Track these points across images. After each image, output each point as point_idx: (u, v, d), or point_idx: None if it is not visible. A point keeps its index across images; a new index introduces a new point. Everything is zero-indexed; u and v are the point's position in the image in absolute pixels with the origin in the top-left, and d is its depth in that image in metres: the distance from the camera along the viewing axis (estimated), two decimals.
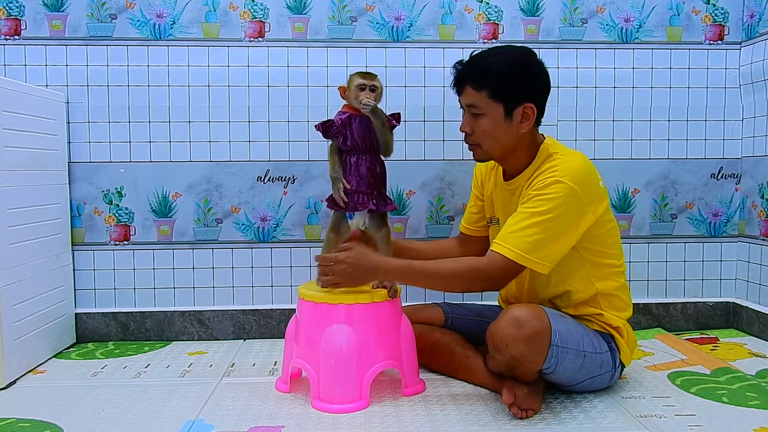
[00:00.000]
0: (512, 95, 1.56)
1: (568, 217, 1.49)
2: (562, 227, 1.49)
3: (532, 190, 1.53)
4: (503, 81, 1.55)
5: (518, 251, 1.47)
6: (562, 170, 1.51)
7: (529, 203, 1.51)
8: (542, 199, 1.49)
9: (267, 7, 2.17)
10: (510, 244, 1.48)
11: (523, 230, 1.48)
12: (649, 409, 1.54)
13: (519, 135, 1.59)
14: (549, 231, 1.48)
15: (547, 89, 1.62)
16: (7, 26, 2.11)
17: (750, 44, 2.22)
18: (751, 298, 2.24)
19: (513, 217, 1.53)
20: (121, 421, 1.50)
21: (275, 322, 2.22)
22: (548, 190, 1.49)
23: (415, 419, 1.50)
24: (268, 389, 1.71)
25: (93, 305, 2.19)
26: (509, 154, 1.64)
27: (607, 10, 2.23)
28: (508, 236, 1.50)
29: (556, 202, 1.48)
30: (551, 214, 1.47)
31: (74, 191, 2.16)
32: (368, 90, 1.66)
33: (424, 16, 2.19)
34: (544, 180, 1.51)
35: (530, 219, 1.48)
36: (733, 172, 2.29)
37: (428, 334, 1.79)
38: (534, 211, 1.49)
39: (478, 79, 1.56)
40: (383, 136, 1.68)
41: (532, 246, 1.47)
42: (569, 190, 1.48)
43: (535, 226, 1.47)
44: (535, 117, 1.59)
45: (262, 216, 2.21)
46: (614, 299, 1.65)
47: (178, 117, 2.16)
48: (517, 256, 1.47)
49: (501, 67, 1.56)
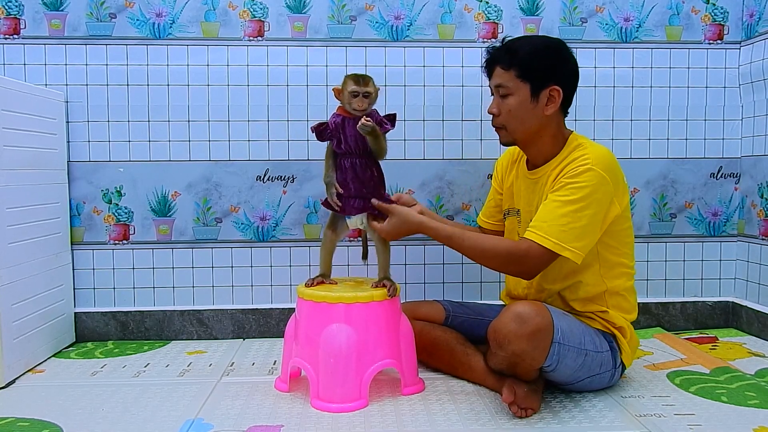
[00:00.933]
0: (540, 76, 1.58)
1: (600, 206, 1.51)
2: (595, 216, 1.50)
3: (564, 178, 1.53)
4: (532, 61, 1.58)
5: (555, 240, 1.48)
6: (594, 158, 1.52)
7: (561, 191, 1.52)
8: (575, 187, 1.50)
9: (266, 7, 2.17)
10: (546, 232, 1.49)
11: (558, 219, 1.49)
12: (648, 409, 1.54)
13: (544, 118, 1.61)
14: (583, 220, 1.49)
15: (576, 76, 1.64)
16: (7, 25, 2.11)
17: (749, 44, 2.22)
18: (751, 298, 2.24)
19: (545, 206, 1.53)
20: (121, 420, 1.50)
21: (274, 321, 2.22)
22: (581, 179, 1.50)
23: (414, 418, 1.50)
24: (268, 388, 1.71)
25: (92, 304, 2.19)
26: (533, 138, 1.64)
27: (606, 10, 2.23)
28: (543, 225, 1.50)
29: (588, 190, 1.49)
30: (584, 203, 1.49)
31: (73, 190, 2.16)
32: (361, 96, 1.65)
33: (423, 16, 2.19)
34: (576, 168, 1.52)
35: (564, 207, 1.49)
36: (733, 172, 2.29)
37: (428, 331, 1.79)
38: (567, 199, 1.50)
39: (508, 58, 1.60)
40: (377, 144, 1.65)
41: (568, 235, 1.48)
42: (601, 179, 1.50)
43: (569, 215, 1.48)
44: (560, 100, 1.60)
45: (262, 215, 2.21)
46: (621, 299, 1.65)
47: (177, 116, 2.16)
48: (553, 245, 1.48)
49: (530, 48, 1.61)
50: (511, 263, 1.54)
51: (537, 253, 1.50)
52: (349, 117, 1.66)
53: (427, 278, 2.25)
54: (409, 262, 2.23)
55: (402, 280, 2.18)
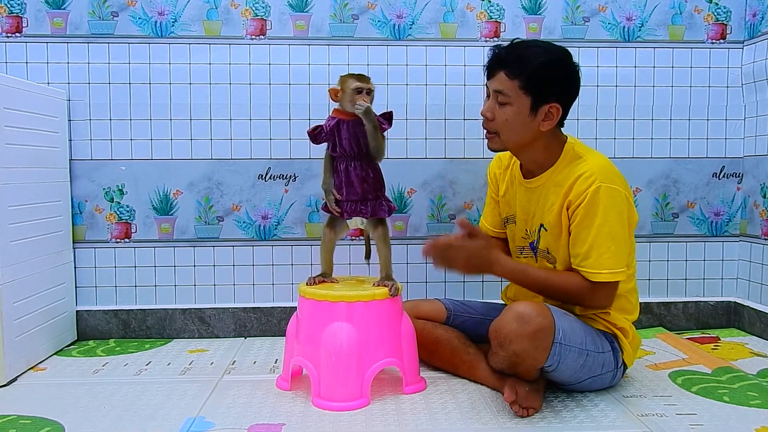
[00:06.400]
0: (544, 92, 1.55)
1: (622, 216, 1.53)
2: (623, 229, 1.53)
3: (580, 209, 1.52)
4: (539, 76, 1.54)
5: (607, 271, 1.51)
6: (597, 172, 1.52)
7: (584, 222, 1.52)
8: (593, 211, 1.50)
9: (268, 5, 2.16)
10: (597, 268, 1.51)
11: (596, 251, 1.50)
12: (650, 408, 1.54)
13: (538, 132, 1.59)
14: (617, 239, 1.51)
15: (577, 94, 1.62)
16: (9, 24, 2.11)
17: (752, 43, 2.22)
18: (753, 298, 2.24)
19: (577, 244, 1.54)
20: (122, 418, 1.50)
21: (276, 320, 2.22)
22: (595, 201, 1.50)
23: (415, 417, 1.50)
24: (269, 387, 1.71)
25: (94, 303, 2.19)
26: (525, 148, 1.63)
27: (609, 9, 2.23)
28: (593, 263, 1.51)
29: (606, 209, 1.50)
30: (610, 222, 1.50)
31: (75, 189, 2.16)
32: (365, 93, 1.65)
33: (425, 15, 2.19)
34: (586, 192, 1.51)
35: (597, 238, 1.50)
36: (735, 172, 2.29)
37: (430, 330, 1.79)
38: (593, 226, 1.50)
39: (516, 67, 1.54)
40: (375, 140, 1.65)
41: (614, 261, 1.51)
42: (612, 191, 1.51)
43: (603, 242, 1.50)
44: (558, 118, 1.59)
45: (263, 214, 2.21)
46: (623, 300, 1.64)
47: (179, 115, 2.16)
48: (609, 275, 1.51)
49: (541, 60, 1.54)
50: (582, 301, 1.58)
51: (605, 292, 1.54)
52: (344, 119, 1.66)
53: (429, 277, 2.25)
54: (411, 261, 2.23)
55: (403, 279, 2.18)
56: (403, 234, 2.23)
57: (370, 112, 1.63)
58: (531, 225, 1.67)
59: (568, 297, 1.57)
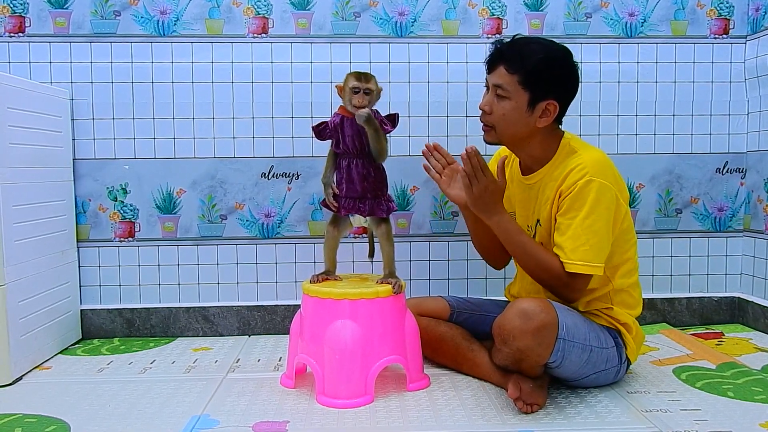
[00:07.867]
0: (542, 88, 1.56)
1: (609, 213, 1.52)
2: (607, 225, 1.52)
3: (567, 199, 1.53)
4: (539, 71, 1.55)
5: (581, 262, 1.50)
6: (590, 166, 1.52)
7: (569, 212, 1.52)
8: (580, 203, 1.50)
9: (270, 4, 2.16)
10: (573, 258, 1.51)
11: (575, 241, 1.50)
12: (654, 404, 1.54)
13: (534, 128, 1.59)
14: (599, 233, 1.50)
15: (575, 92, 1.63)
16: (12, 23, 2.11)
17: (755, 38, 2.21)
18: (757, 293, 2.23)
19: (558, 232, 1.54)
20: (127, 416, 1.51)
21: (280, 317, 2.22)
22: (583, 193, 1.50)
23: (419, 414, 1.50)
24: (273, 385, 1.71)
25: (98, 302, 2.20)
26: (520, 143, 1.64)
27: (611, 5, 2.22)
28: (570, 253, 1.51)
29: (593, 203, 1.50)
30: (594, 215, 1.50)
31: (79, 188, 2.16)
32: (362, 93, 1.64)
33: (427, 12, 2.19)
34: (575, 184, 1.51)
35: (578, 229, 1.50)
36: (739, 167, 2.28)
37: (433, 327, 1.79)
38: (577, 217, 1.50)
39: (516, 62, 1.55)
40: (377, 143, 1.65)
41: (592, 254, 1.50)
42: (602, 187, 1.50)
43: (583, 233, 1.50)
44: (555, 115, 1.59)
45: (267, 212, 2.21)
46: (626, 296, 1.64)
47: (182, 113, 2.16)
48: (584, 267, 1.50)
49: (541, 56, 1.55)
50: (558, 287, 1.57)
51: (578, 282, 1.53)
52: (348, 117, 1.66)
53: (432, 274, 2.25)
54: (414, 258, 2.23)
55: (407, 276, 2.18)
56: (406, 231, 2.23)
57: (370, 119, 1.62)
58: (529, 221, 1.68)
59: (546, 276, 1.56)
